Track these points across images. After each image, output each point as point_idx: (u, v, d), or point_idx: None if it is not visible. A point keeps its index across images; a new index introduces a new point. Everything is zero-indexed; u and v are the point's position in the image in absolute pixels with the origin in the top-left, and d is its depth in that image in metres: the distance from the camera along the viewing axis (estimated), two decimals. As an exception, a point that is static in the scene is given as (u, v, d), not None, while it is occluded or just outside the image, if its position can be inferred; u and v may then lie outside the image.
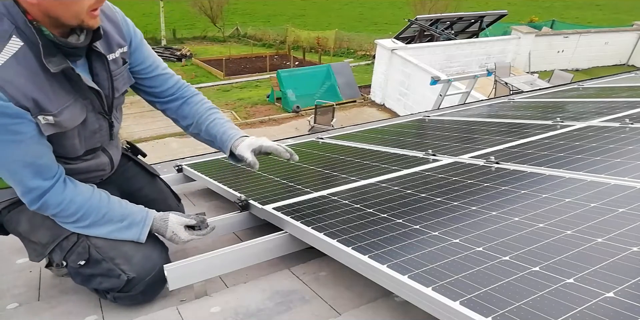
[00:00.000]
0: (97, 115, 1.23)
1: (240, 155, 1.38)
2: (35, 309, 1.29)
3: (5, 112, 1.00)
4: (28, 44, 1.02)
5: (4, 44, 1.00)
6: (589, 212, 1.13)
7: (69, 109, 1.13)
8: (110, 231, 1.22)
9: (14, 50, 1.01)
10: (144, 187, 1.55)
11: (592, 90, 3.40)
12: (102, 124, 1.27)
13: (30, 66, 1.03)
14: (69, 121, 1.13)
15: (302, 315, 1.10)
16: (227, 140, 1.41)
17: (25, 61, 1.02)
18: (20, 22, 1.01)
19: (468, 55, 12.33)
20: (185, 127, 1.49)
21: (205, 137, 1.46)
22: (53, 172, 1.15)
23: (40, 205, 1.15)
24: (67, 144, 1.19)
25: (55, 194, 1.15)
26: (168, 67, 1.47)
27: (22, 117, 1.03)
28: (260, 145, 1.39)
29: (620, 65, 14.66)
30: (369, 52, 19.15)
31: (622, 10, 31.74)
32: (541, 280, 0.84)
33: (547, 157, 1.67)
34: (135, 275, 1.19)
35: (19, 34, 1.01)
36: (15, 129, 1.03)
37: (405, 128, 2.89)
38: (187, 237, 1.30)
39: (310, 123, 10.37)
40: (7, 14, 1.01)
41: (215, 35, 25.42)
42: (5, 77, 0.99)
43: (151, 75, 1.39)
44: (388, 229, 1.17)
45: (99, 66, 1.20)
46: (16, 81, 1.00)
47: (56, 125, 1.10)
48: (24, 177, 1.10)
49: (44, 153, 1.12)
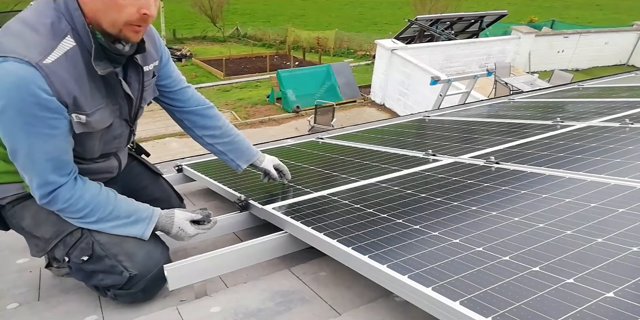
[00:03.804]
0: (122, 121, 1.29)
1: (265, 169, 1.65)
2: (35, 309, 1.29)
3: (48, 106, 1.05)
4: (80, 45, 1.09)
5: (58, 42, 1.06)
6: (589, 212, 1.13)
7: (100, 112, 1.18)
8: (115, 226, 1.23)
9: (66, 48, 1.07)
10: (148, 186, 1.57)
11: (592, 90, 3.40)
12: (124, 130, 1.33)
13: (77, 66, 1.09)
14: (98, 122, 1.19)
15: (302, 315, 1.10)
16: (250, 155, 1.62)
17: (73, 60, 1.08)
18: (79, 24, 1.08)
19: (468, 55, 12.32)
20: (199, 137, 1.56)
21: (221, 148, 1.58)
22: (70, 169, 1.18)
23: (50, 200, 1.17)
24: (87, 145, 1.23)
25: (66, 189, 1.17)
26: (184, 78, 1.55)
27: (60, 112, 1.08)
28: (278, 163, 1.69)
29: (620, 65, 14.66)
30: (369, 52, 19.13)
31: (622, 10, 31.74)
32: (541, 280, 0.84)
33: (547, 157, 1.67)
34: (137, 273, 1.20)
35: (73, 35, 1.08)
36: (52, 123, 1.08)
37: (405, 128, 2.89)
38: (193, 232, 1.32)
39: (310, 123, 10.36)
40: (67, 15, 1.08)
41: (215, 35, 25.41)
42: (55, 72, 1.04)
43: (174, 89, 1.48)
44: (388, 229, 1.17)
45: (133, 76, 1.26)
46: (63, 77, 1.06)
47: (86, 125, 1.15)
48: (45, 169, 1.13)
49: (68, 150, 1.16)
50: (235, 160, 1.60)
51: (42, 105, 1.04)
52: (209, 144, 1.57)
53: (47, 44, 1.05)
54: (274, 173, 1.65)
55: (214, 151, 1.60)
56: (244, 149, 1.61)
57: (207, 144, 1.58)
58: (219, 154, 1.60)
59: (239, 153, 1.60)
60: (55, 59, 1.05)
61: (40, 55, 1.03)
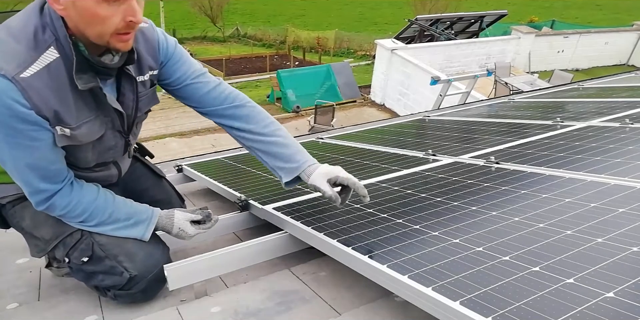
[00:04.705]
0: (115, 133, 1.24)
1: (314, 186, 1.24)
2: (35, 309, 1.29)
3: (26, 119, 1.01)
4: (63, 57, 1.04)
5: (40, 54, 1.01)
6: (589, 212, 1.13)
7: (88, 125, 1.13)
8: (115, 228, 1.23)
9: (48, 61, 1.02)
10: (150, 188, 1.56)
11: (592, 90, 3.40)
12: (119, 141, 1.28)
13: (59, 78, 1.04)
14: (85, 136, 1.14)
15: (302, 315, 1.10)
16: (294, 167, 1.27)
17: (56, 73, 1.03)
18: (61, 35, 1.02)
19: (468, 55, 12.32)
20: (236, 139, 1.38)
21: (260, 154, 1.33)
22: (62, 176, 1.16)
23: (47, 207, 1.16)
24: (79, 156, 1.20)
25: (63, 196, 1.16)
26: (206, 75, 1.35)
27: (41, 125, 1.04)
28: (336, 176, 1.22)
29: (620, 65, 14.66)
30: (369, 52, 19.13)
31: (622, 10, 31.72)
32: (541, 280, 0.84)
33: (547, 157, 1.67)
34: (137, 273, 1.20)
35: (57, 46, 1.03)
36: (33, 135, 1.04)
37: (405, 128, 2.89)
38: (194, 232, 1.31)
39: (310, 123, 10.36)
40: (51, 25, 1.02)
41: (215, 35, 25.41)
42: (33, 86, 1.00)
43: (177, 87, 1.33)
44: (388, 229, 1.17)
45: (127, 87, 1.21)
46: (43, 92, 1.01)
47: (71, 138, 1.11)
48: (33, 179, 1.11)
49: (56, 160, 1.13)
50: (277, 171, 1.32)
51: (20, 117, 0.99)
52: (248, 148, 1.36)
53: (27, 55, 1.00)
54: (327, 191, 1.22)
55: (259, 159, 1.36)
56: (285, 157, 1.29)
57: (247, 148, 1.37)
58: (263, 164, 1.35)
59: (278, 162, 1.30)
60: (35, 72, 1.00)
61: (18, 67, 0.98)
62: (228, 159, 2.41)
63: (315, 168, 1.26)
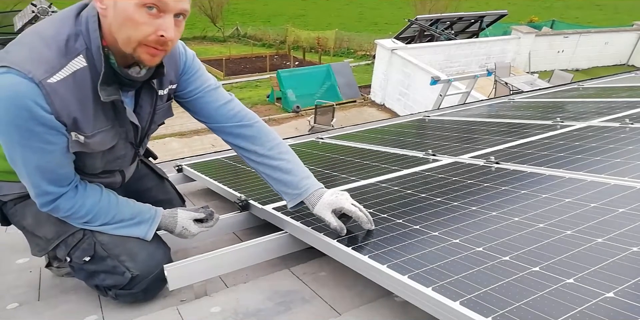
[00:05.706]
0: (126, 144, 1.25)
1: (319, 216, 1.22)
2: (35, 309, 1.29)
3: (45, 123, 1.02)
4: (90, 67, 1.05)
5: (69, 61, 1.02)
6: (589, 212, 1.13)
7: (102, 134, 1.14)
8: (119, 227, 1.23)
9: (75, 68, 1.03)
10: (152, 188, 1.57)
11: (592, 90, 3.40)
12: (128, 152, 1.29)
13: (83, 87, 1.05)
14: (97, 145, 1.15)
15: (302, 315, 1.10)
16: (297, 194, 1.26)
17: (81, 81, 1.04)
18: (94, 45, 1.03)
19: (468, 55, 12.32)
20: (244, 158, 1.37)
21: (266, 178, 1.33)
22: (69, 180, 1.17)
23: (51, 209, 1.17)
24: (88, 163, 1.21)
25: (67, 198, 1.17)
26: (219, 90, 1.34)
27: (58, 129, 1.05)
28: (341, 207, 1.19)
29: (620, 65, 14.66)
30: (369, 52, 19.13)
31: (622, 10, 31.74)
32: (541, 280, 0.84)
33: (547, 157, 1.67)
34: (139, 273, 1.20)
35: (86, 55, 1.04)
36: (48, 139, 1.05)
37: (405, 128, 2.89)
38: (197, 230, 1.32)
39: (310, 123, 10.36)
40: (85, 34, 1.03)
41: (215, 35, 25.40)
42: (57, 92, 1.01)
43: (188, 99, 1.32)
44: (388, 229, 1.17)
45: (146, 99, 1.21)
46: (65, 98, 1.02)
47: (84, 145, 1.12)
48: (41, 181, 1.12)
49: (66, 164, 1.14)
50: (281, 194, 1.30)
51: (39, 121, 1.00)
52: (254, 168, 1.35)
53: (57, 61, 1.01)
54: (332, 223, 1.18)
55: (264, 180, 1.34)
56: (289, 182, 1.27)
57: (252, 168, 1.36)
58: (271, 185, 1.33)
59: (282, 186, 1.29)
60: (62, 78, 1.01)
61: (46, 73, 0.99)
62: (228, 159, 2.41)
63: (320, 195, 1.23)
